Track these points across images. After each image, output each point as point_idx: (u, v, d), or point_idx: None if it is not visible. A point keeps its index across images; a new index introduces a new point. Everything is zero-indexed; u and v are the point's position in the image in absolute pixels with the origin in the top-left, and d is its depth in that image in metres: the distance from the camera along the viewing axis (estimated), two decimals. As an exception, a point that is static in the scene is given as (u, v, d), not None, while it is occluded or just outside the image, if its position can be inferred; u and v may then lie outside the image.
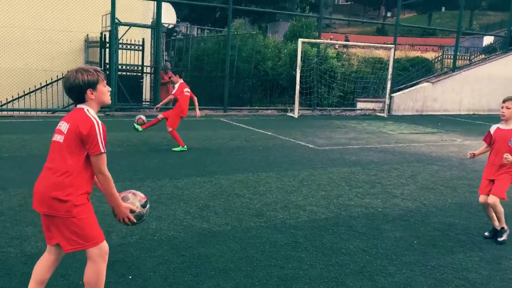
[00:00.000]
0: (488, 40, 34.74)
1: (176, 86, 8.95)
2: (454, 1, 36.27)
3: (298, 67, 15.14)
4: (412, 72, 19.63)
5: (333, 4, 61.85)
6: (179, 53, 20.42)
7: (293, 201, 5.93)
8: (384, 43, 22.38)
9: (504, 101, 4.83)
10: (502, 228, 4.85)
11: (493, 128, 4.99)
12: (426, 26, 44.35)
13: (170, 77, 15.56)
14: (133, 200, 3.01)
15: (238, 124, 12.99)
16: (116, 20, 13.49)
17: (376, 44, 22.11)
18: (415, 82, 18.69)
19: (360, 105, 17.71)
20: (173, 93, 8.96)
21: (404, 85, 18.50)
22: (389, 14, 55.81)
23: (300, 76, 15.34)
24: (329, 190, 6.51)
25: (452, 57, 19.95)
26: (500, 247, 4.68)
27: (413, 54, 22.57)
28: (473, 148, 10.46)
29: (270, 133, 11.43)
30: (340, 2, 66.13)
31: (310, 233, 4.84)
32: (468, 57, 22.79)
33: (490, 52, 24.42)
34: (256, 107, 16.60)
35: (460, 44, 23.29)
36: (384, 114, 16.73)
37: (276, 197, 6.05)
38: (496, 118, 17.88)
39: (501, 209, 4.74)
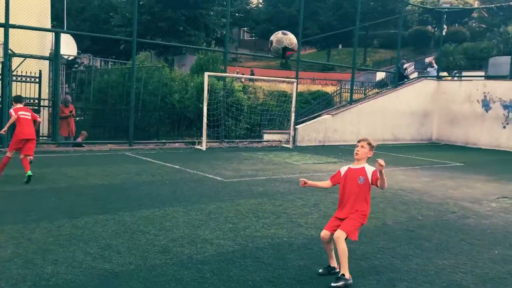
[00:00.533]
0: (380, 75, 37.70)
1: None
2: (349, 39, 38.99)
3: (205, 100, 15.27)
4: (314, 105, 20.64)
5: (238, 39, 63.63)
6: (81, 85, 19.71)
7: (200, 235, 5.87)
8: (287, 77, 23.35)
9: (359, 141, 4.74)
10: (343, 274, 4.39)
11: (344, 169, 4.83)
12: (325, 61, 47.09)
13: (71, 111, 14.92)
14: None
15: (144, 158, 12.70)
16: (9, 51, 12.74)
17: (280, 78, 23.01)
18: (317, 114, 19.63)
19: (266, 136, 18.18)
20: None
21: (307, 117, 19.34)
22: (291, 50, 58.54)
23: (207, 108, 15.46)
24: (236, 222, 6.55)
25: (349, 91, 21.29)
26: (394, 270, 4.98)
27: (315, 87, 23.82)
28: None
29: (177, 167, 11.31)
30: (245, 38, 68.27)
31: (217, 267, 4.81)
32: (363, 91, 24.49)
33: (382, 86, 26.46)
34: (163, 140, 16.38)
35: (356, 79, 25.00)
36: (290, 145, 17.32)
37: (183, 232, 5.96)
38: (389, 148, 19.11)
39: (345, 250, 4.41)
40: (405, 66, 24.94)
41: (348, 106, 20.07)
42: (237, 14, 54.44)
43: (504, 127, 20.08)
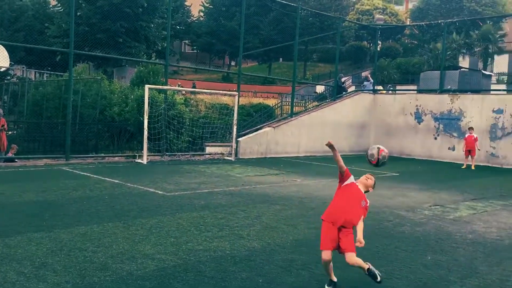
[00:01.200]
0: (320, 88, 38.79)
1: None
2: (289, 53, 39.82)
3: (145, 113, 15.04)
4: (256, 118, 20.89)
5: (180, 52, 63.28)
6: (14, 98, 18.83)
7: (141, 250, 5.75)
8: (229, 90, 23.51)
9: (370, 175, 5.10)
10: (368, 269, 4.71)
11: (352, 178, 5.02)
12: (266, 75, 47.74)
13: (2, 125, 14.22)
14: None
15: (82, 172, 12.28)
16: None
17: (221, 91, 23.10)
18: (258, 127, 19.85)
19: (208, 149, 18.14)
20: None
21: (249, 130, 19.51)
22: (233, 63, 59.00)
23: (148, 121, 15.23)
24: (178, 236, 6.47)
25: (290, 103, 21.71)
26: (335, 276, 5.10)
27: (256, 100, 24.13)
28: (312, 187, 11.42)
29: (117, 181, 11.02)
30: (187, 50, 68.03)
31: (158, 282, 4.73)
32: (304, 104, 25.08)
33: (322, 99, 27.24)
34: (102, 154, 15.92)
35: (297, 92, 25.55)
36: (232, 158, 17.36)
37: (123, 248, 5.81)
38: (329, 159, 19.51)
39: (358, 262, 4.69)
40: (343, 79, 25.81)
41: (289, 119, 20.44)
42: (178, 27, 54.19)
43: (436, 138, 21.19)
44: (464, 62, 42.80)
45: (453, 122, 20.60)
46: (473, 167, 17.67)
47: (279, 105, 23.49)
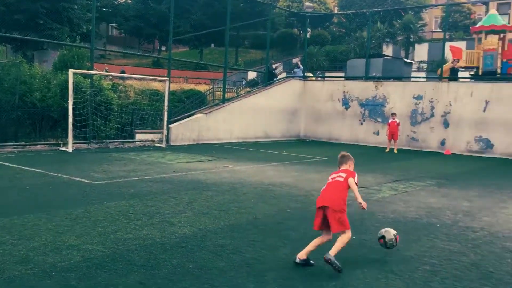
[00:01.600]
0: (252, 75, 38.98)
1: None
2: (221, 39, 39.55)
3: (70, 99, 14.36)
4: (187, 104, 20.64)
5: (106, 35, 60.88)
6: None
7: (65, 241, 5.53)
8: (159, 76, 23.00)
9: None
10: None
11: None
12: (197, 61, 47.17)
13: None
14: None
15: (0, 162, 11.55)
16: None
17: (151, 77, 22.56)
18: (190, 113, 19.63)
19: (139, 136, 17.70)
20: None
21: (180, 116, 19.24)
22: (163, 48, 57.68)
23: (74, 108, 14.55)
24: (106, 226, 6.28)
25: (222, 90, 21.64)
26: (264, 261, 5.19)
27: (188, 86, 23.82)
28: (244, 173, 11.51)
29: (39, 170, 10.48)
30: (114, 34, 65.58)
31: (84, 273, 4.58)
32: (236, 90, 25.11)
33: (254, 85, 27.41)
34: (22, 143, 15.04)
35: (229, 78, 25.51)
36: (163, 145, 17.07)
37: (46, 240, 5.56)
38: (261, 145, 19.79)
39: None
40: (274, 66, 26.11)
41: (221, 105, 20.39)
42: (104, 9, 52.05)
43: (361, 123, 22.05)
44: (388, 51, 44.72)
45: (377, 108, 21.51)
46: (395, 151, 18.60)
47: (211, 91, 23.35)
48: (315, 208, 7.93)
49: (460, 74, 21.81)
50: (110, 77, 19.05)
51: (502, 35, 22.08)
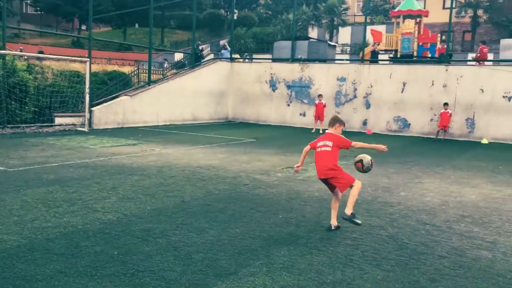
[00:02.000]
0: (178, 56, 38.22)
1: None
2: (145, 18, 38.30)
3: (-21, 81, 13.32)
4: (111, 86, 19.86)
5: (21, 13, 56.95)
6: None
7: (-23, 233, 5.17)
8: (80, 56, 21.89)
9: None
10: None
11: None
12: (121, 41, 45.49)
13: None
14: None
15: None
16: None
17: (70, 57, 21.42)
18: (114, 95, 18.95)
19: (58, 120, 16.83)
20: None
21: (104, 99, 18.52)
22: (83, 27, 54.90)
23: (-16, 90, 13.53)
24: (22, 215, 5.95)
25: (147, 71, 21.05)
26: (192, 243, 5.17)
27: (111, 68, 22.87)
28: (171, 156, 11.33)
29: None
30: (29, 11, 61.45)
31: (-2, 266, 4.31)
32: (162, 72, 24.52)
33: (181, 67, 26.91)
34: None
35: (155, 60, 24.83)
36: (85, 129, 16.37)
37: (-46, 232, 5.16)
38: (189, 127, 19.50)
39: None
40: (201, 47, 25.75)
41: (146, 87, 19.86)
42: (17, -15, 48.54)
43: (288, 105, 22.44)
44: (313, 33, 45.62)
45: (303, 90, 21.97)
46: (321, 131, 19.16)
47: (135, 72, 22.62)
48: (241, 190, 8.06)
49: (380, 56, 22.75)
50: (25, 57, 17.85)
51: (418, 19, 23.26)
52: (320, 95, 19.54)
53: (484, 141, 17.77)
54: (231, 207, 6.83)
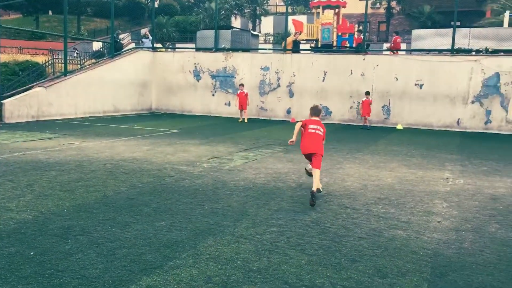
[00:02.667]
0: (97, 45, 36.70)
1: None
2: (60, 5, 36.37)
3: None
4: (23, 77, 18.70)
5: None
6: None
7: None
8: (-13, 45, 20.33)
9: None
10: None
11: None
12: (33, 29, 42.84)
13: None
14: None
15: None
16: None
17: (-24, 46, 19.87)
18: (27, 87, 17.84)
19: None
20: None
21: (15, 91, 17.39)
22: (-8, 14, 51.01)
23: None
24: None
25: (63, 61, 20.01)
26: (115, 239, 5.02)
27: (23, 57, 21.52)
28: (92, 150, 10.89)
29: None
30: None
31: None
32: (79, 62, 23.44)
33: (100, 57, 25.86)
34: None
35: (71, 49, 23.61)
36: (-4, 123, 15.29)
37: None
38: (110, 119, 18.92)
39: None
40: (120, 36, 24.88)
41: (63, 78, 18.87)
42: None
43: (213, 95, 22.35)
44: (236, 22, 45.69)
45: (228, 79, 21.97)
46: (246, 121, 19.31)
47: (50, 62, 21.43)
48: (166, 182, 7.93)
49: (302, 46, 23.25)
50: None
51: (337, 10, 24.03)
52: (241, 85, 19.65)
53: (399, 126, 18.82)
54: (156, 200, 6.71)
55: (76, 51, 28.66)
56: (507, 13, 23.30)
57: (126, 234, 5.18)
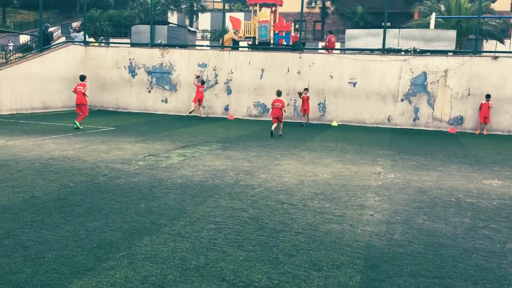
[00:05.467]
0: (24, 38, 34.80)
1: None
2: (-18, -5, 34.34)
3: None
4: None
5: None
6: None
7: None
8: None
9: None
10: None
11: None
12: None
13: None
14: None
15: None
16: None
17: None
18: None
19: None
20: None
21: None
22: None
23: None
24: None
25: (-14, 54, 18.79)
26: (44, 241, 4.77)
27: None
28: (19, 148, 10.31)
29: None
30: None
31: None
32: (5, 56, 22.12)
33: (27, 50, 24.52)
34: None
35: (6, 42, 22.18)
36: None
37: None
38: (39, 116, 18.03)
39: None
40: (50, 29, 23.73)
41: (-14, 72, 17.72)
42: None
43: (149, 91, 21.88)
44: (173, 18, 45.00)
45: (164, 76, 21.59)
46: (202, 116, 19.39)
47: (-28, 55, 20.06)
48: (100, 181, 7.66)
49: (240, 44, 23.26)
50: None
51: (273, 8, 24.27)
52: (198, 77, 19.88)
53: (334, 123, 19.35)
54: (88, 199, 6.46)
55: (11, 43, 26.95)
56: (433, 15, 24.55)
57: (56, 236, 4.95)
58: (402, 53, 19.27)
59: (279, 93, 14.36)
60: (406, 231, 5.67)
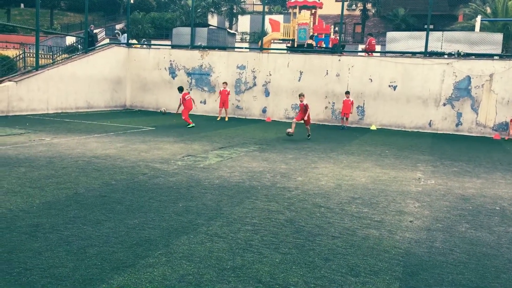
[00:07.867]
0: (70, 40, 35.99)
1: None
2: (32, -2, 35.62)
3: None
4: (-7, 70, 18.20)
5: None
6: None
7: None
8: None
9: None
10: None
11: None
12: (4, 22, 41.75)
13: None
14: None
15: None
16: None
17: None
18: (-3, 81, 17.36)
19: None
20: None
21: (-16, 85, 16.88)
22: (-40, 5, 49.38)
23: None
24: None
25: (34, 55, 19.54)
26: (85, 237, 4.92)
27: (-8, 50, 20.92)
28: (63, 146, 10.67)
29: None
30: None
31: None
32: (52, 56, 22.94)
33: (73, 51, 25.36)
34: None
35: (44, 43, 23.08)
36: (-37, 117, 14.82)
37: None
38: (83, 115, 18.60)
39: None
40: (95, 31, 24.46)
41: (34, 72, 18.44)
42: None
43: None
44: (213, 20, 45.49)
45: (204, 77, 21.85)
46: (226, 119, 19.29)
47: (21, 56, 20.91)
48: (140, 179, 7.82)
49: (279, 46, 23.29)
50: None
51: (313, 10, 24.17)
52: (224, 83, 19.62)
53: (373, 127, 19.05)
54: (128, 197, 6.61)
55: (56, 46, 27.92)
56: (478, 18, 23.81)
57: (98, 232, 5.09)
58: (445, 56, 18.78)
59: (300, 95, 14.85)
60: (447, 239, 5.51)
